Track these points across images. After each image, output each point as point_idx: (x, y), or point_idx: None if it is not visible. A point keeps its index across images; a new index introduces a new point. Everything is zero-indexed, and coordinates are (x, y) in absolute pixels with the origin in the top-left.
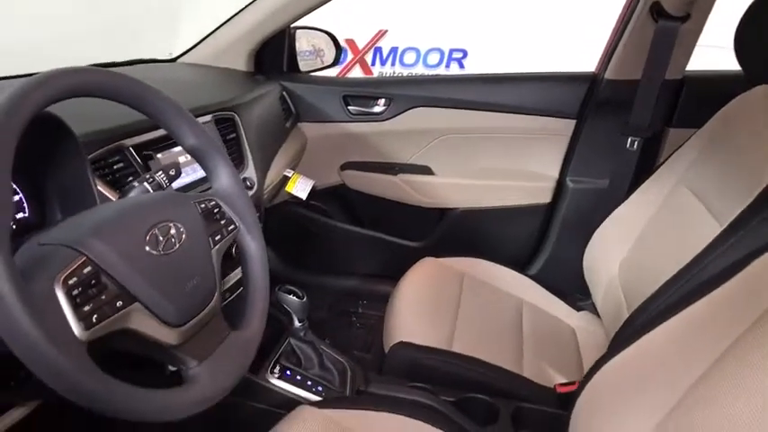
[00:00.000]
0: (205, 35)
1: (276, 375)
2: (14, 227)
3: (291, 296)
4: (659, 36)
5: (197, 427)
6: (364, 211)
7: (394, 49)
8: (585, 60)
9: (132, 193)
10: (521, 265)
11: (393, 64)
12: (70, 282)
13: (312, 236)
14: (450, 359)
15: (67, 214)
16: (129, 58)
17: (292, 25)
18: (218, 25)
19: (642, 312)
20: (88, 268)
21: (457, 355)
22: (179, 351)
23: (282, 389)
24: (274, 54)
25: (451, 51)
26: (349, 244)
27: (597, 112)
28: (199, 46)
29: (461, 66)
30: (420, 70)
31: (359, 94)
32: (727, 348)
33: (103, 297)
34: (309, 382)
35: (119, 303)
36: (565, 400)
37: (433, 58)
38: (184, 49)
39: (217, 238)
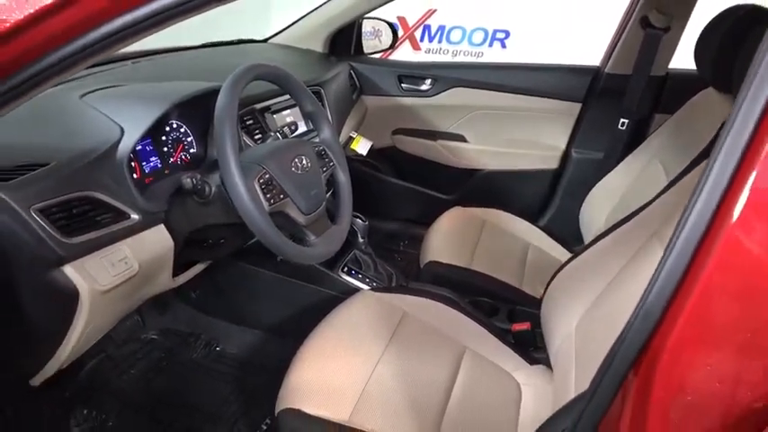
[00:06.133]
0: (291, 22)
1: (345, 273)
2: (190, 157)
3: (357, 219)
4: (646, 42)
5: (292, 303)
6: (409, 169)
7: (441, 27)
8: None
9: (270, 140)
10: (532, 218)
11: (440, 41)
12: (260, 181)
13: (366, 186)
14: (466, 273)
15: None
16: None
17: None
18: (304, 14)
19: None
20: (267, 176)
21: (472, 270)
22: (307, 229)
23: (349, 281)
24: (345, 39)
25: (495, 32)
26: (395, 194)
27: (598, 98)
28: (286, 30)
29: (503, 45)
30: (465, 48)
31: (410, 74)
32: (626, 262)
33: (274, 191)
34: (367, 279)
35: (281, 196)
36: None
37: (478, 37)
38: (274, 32)
39: (324, 169)
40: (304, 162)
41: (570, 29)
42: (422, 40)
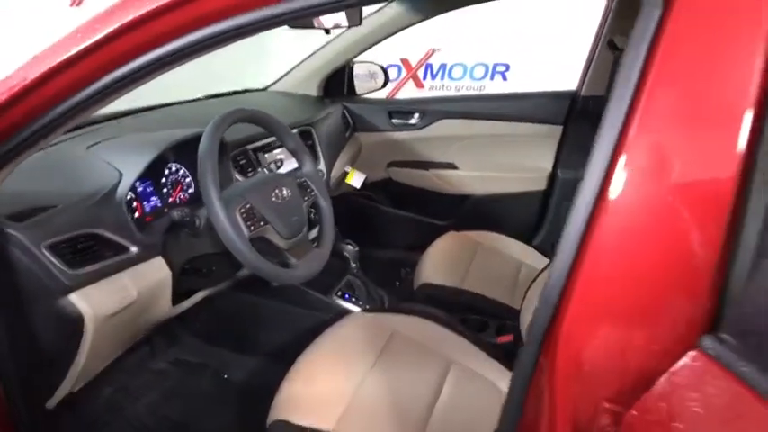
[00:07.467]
0: (286, 71)
1: (338, 297)
2: (188, 197)
3: (348, 246)
4: (615, 64)
5: (290, 329)
6: (405, 199)
7: (443, 66)
8: None
9: (258, 174)
10: (526, 238)
11: (442, 78)
12: (241, 212)
13: (366, 218)
14: (457, 292)
15: None
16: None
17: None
18: (297, 64)
19: None
20: (248, 206)
21: (463, 290)
22: (288, 252)
23: (342, 306)
24: (337, 82)
25: (495, 66)
26: (393, 224)
27: (577, 119)
28: (283, 79)
29: (504, 78)
30: (467, 83)
31: (400, 110)
32: None
33: (255, 219)
34: (360, 302)
35: (261, 223)
36: None
37: (479, 72)
38: (272, 81)
39: (305, 198)
40: (284, 192)
41: (566, 58)
42: (425, 78)
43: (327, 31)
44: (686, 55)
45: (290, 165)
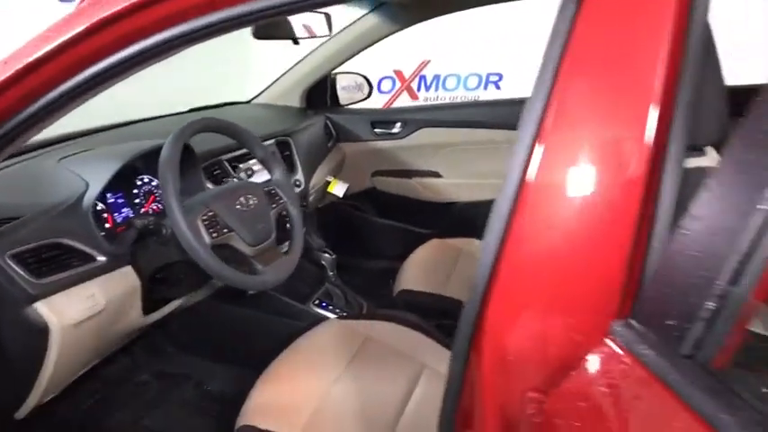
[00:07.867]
0: (269, 83)
1: (316, 306)
2: (162, 207)
3: (326, 254)
4: None
5: (269, 338)
6: (390, 207)
7: (437, 77)
8: None
9: (228, 183)
10: None
11: (437, 89)
12: (203, 218)
13: (352, 227)
14: (436, 299)
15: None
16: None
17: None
18: (279, 76)
19: None
20: (210, 213)
21: (441, 296)
22: (254, 260)
23: (320, 313)
24: (320, 93)
25: (488, 75)
26: (378, 232)
27: None
28: (266, 91)
29: (498, 87)
30: (461, 93)
31: (382, 120)
32: None
33: (218, 226)
34: (338, 310)
35: (225, 230)
36: None
37: (472, 82)
38: (255, 94)
39: (273, 205)
40: (250, 200)
41: None
42: (419, 89)
43: (296, 42)
44: (596, 50)
45: (264, 175)
